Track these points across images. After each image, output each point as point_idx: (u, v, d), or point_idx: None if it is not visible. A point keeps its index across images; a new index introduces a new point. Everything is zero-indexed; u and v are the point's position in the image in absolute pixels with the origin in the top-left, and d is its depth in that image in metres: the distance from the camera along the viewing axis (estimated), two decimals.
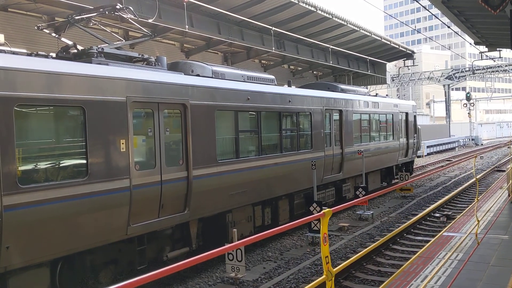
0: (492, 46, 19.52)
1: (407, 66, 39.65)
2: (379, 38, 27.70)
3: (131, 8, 9.08)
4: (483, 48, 21.51)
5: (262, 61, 26.86)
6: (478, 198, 8.97)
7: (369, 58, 29.99)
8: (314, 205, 11.67)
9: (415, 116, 21.63)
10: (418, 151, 24.08)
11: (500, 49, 23.12)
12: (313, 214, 11.47)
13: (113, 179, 7.25)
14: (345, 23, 23.10)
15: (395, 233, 10.59)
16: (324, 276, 3.55)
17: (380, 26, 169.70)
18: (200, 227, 9.47)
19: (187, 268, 8.92)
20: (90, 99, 6.94)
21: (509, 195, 13.25)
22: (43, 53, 7.32)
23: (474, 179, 19.76)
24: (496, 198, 13.55)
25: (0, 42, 7.12)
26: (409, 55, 35.28)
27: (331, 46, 25.11)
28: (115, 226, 7.35)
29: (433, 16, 18.20)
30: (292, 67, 29.68)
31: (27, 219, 6.17)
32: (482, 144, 54.41)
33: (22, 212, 6.09)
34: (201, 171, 8.93)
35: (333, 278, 3.51)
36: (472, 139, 55.01)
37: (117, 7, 8.71)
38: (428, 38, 50.98)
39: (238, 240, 8.23)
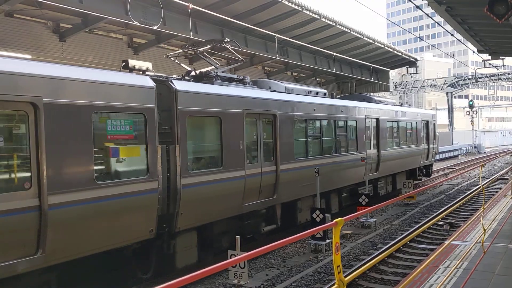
0: (495, 54, 19.51)
1: (410, 74, 39.65)
2: (382, 46, 27.74)
3: (235, 41, 11.83)
4: (486, 56, 21.51)
5: (265, 68, 26.91)
6: (485, 207, 8.93)
7: (372, 65, 30.01)
8: (317, 212, 11.63)
9: (434, 124, 23.69)
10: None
11: (503, 57, 23.08)
12: (316, 221, 11.43)
13: (236, 169, 9.82)
14: (349, 31, 23.15)
15: (402, 244, 10.55)
16: (336, 286, 3.56)
17: (383, 33, 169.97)
18: (281, 210, 11.88)
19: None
20: (224, 112, 9.58)
21: None
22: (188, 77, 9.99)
23: (477, 187, 19.76)
24: (500, 206, 13.49)
25: (149, 69, 8.88)
26: (412, 63, 35.29)
27: (334, 53, 25.15)
28: (236, 204, 9.93)
29: (436, 24, 18.23)
30: (295, 74, 29.71)
31: (193, 195, 8.60)
32: (484, 152, 54.25)
33: (190, 189, 8.55)
34: (285, 166, 11.51)
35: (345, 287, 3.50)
36: (475, 147, 54.84)
37: (225, 40, 11.47)
38: (431, 46, 50.99)
39: (240, 247, 8.26)
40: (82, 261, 6.98)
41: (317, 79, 32.05)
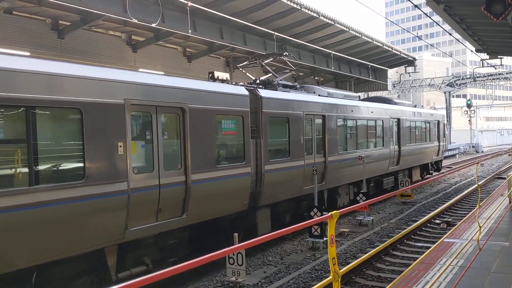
0: (493, 54, 19.53)
1: (408, 73, 39.68)
2: (380, 45, 27.78)
3: (292, 55, 14.06)
4: (484, 55, 21.54)
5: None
6: (480, 205, 8.97)
7: (371, 64, 30.06)
8: (315, 210, 11.68)
9: (444, 124, 26.20)
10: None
11: (501, 56, 23.12)
12: (314, 219, 11.47)
13: (298, 159, 12.16)
14: (347, 29, 23.18)
15: (395, 239, 10.59)
16: (331, 277, 3.60)
17: (382, 32, 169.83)
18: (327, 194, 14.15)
19: (187, 271, 8.92)
20: (290, 113, 11.93)
21: (510, 202, 13.25)
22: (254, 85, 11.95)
23: (474, 186, 19.80)
24: (497, 205, 13.55)
25: (228, 79, 10.70)
26: (410, 62, 35.34)
27: (333, 52, 25.18)
28: (297, 187, 12.25)
29: (435, 23, 18.26)
30: (293, 72, 29.69)
31: (271, 178, 10.96)
32: (482, 152, 54.36)
33: (270, 174, 10.94)
34: (331, 158, 13.77)
35: (340, 279, 3.53)
36: (473, 146, 54.94)
37: (284, 54, 13.96)
38: (429, 45, 51.04)
39: (239, 243, 8.28)
40: (195, 225, 9.14)
41: (316, 78, 32.07)
